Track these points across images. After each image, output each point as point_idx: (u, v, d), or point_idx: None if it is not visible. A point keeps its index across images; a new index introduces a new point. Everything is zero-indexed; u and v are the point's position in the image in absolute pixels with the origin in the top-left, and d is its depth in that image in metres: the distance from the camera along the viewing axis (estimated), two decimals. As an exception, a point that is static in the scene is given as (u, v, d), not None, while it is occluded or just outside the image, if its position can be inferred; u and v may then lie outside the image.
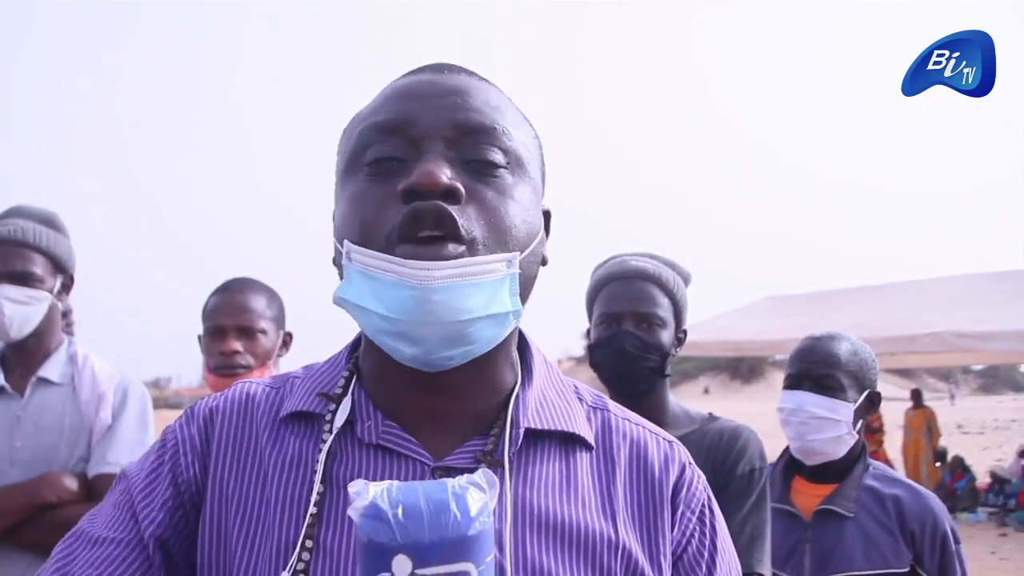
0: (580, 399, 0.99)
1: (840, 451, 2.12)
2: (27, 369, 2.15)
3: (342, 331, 1.00)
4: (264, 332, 2.20)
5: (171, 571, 0.88)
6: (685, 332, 2.03)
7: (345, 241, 0.84)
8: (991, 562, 9.31)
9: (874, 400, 2.17)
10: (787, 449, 2.24)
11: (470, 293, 0.80)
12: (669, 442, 0.99)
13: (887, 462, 13.04)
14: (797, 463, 2.21)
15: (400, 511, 0.69)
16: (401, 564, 0.68)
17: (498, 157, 0.86)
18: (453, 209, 0.80)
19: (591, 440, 0.93)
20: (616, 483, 0.91)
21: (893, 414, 13.93)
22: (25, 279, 2.09)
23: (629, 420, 0.99)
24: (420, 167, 0.81)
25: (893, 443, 13.57)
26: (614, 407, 1.00)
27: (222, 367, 2.19)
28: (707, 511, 0.96)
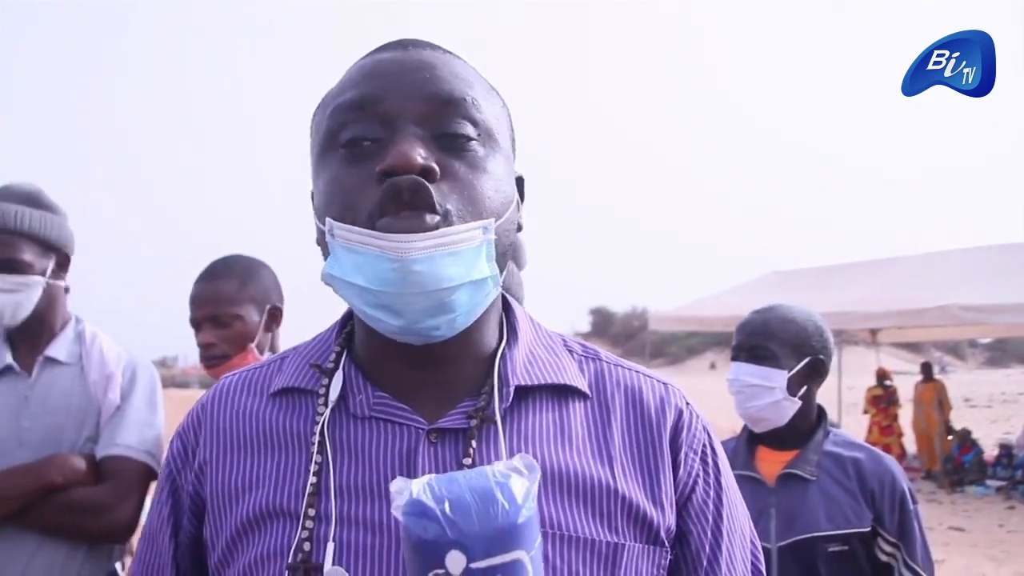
0: (570, 351, 1.00)
1: (782, 417, 2.17)
2: (34, 348, 2.13)
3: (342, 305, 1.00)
4: (238, 317, 2.16)
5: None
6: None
7: (327, 219, 0.86)
8: (999, 535, 9.33)
9: (816, 367, 2.21)
10: None
11: (449, 262, 0.82)
12: (664, 384, 0.99)
13: (900, 436, 13.04)
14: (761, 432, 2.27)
15: (447, 505, 0.68)
16: (455, 560, 0.67)
17: (469, 130, 0.88)
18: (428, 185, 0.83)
19: (585, 389, 0.95)
20: (612, 430, 0.93)
21: (902, 388, 13.91)
22: (11, 266, 2.04)
23: (622, 366, 1.00)
24: (395, 149, 0.83)
25: (907, 417, 13.56)
26: (606, 355, 1.01)
27: (203, 359, 2.20)
28: (709, 451, 0.97)
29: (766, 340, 2.18)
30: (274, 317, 2.26)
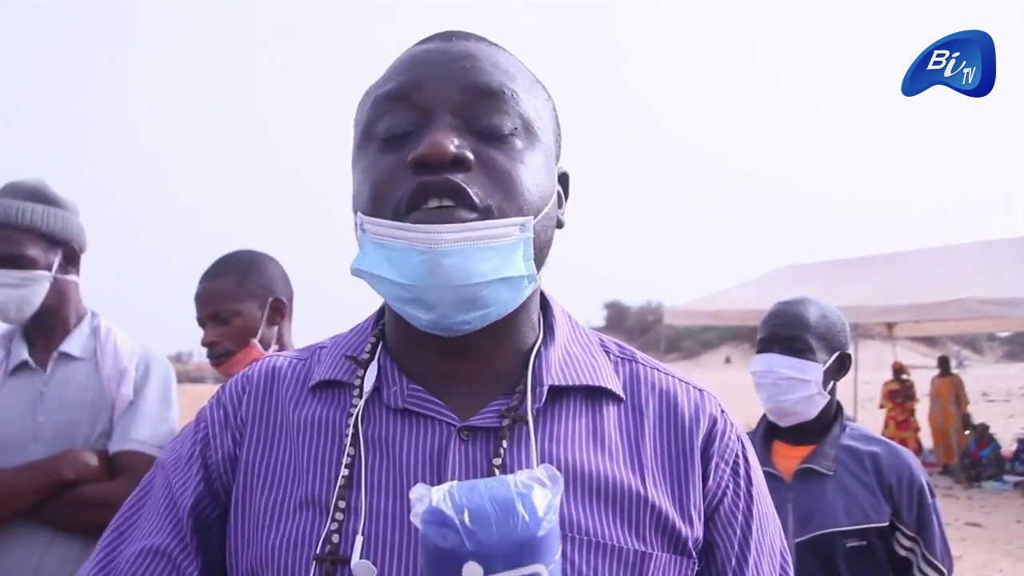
0: (607, 352, 0.98)
1: (812, 411, 2.16)
2: (49, 343, 2.14)
3: (359, 299, 1.00)
4: (237, 313, 2.14)
5: (206, 555, 0.91)
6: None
7: (359, 213, 0.86)
8: (1017, 531, 9.24)
9: (844, 361, 2.21)
10: (766, 414, 2.28)
11: (482, 257, 0.80)
12: (700, 391, 0.98)
13: (917, 431, 12.95)
14: (776, 427, 2.24)
15: (466, 516, 0.67)
16: (472, 571, 0.67)
17: (507, 122, 0.86)
18: (462, 177, 0.81)
19: (619, 392, 0.93)
20: (644, 435, 0.91)
21: (918, 382, 13.81)
22: (15, 262, 2.05)
23: (659, 369, 0.98)
24: (428, 137, 0.82)
25: (924, 411, 13.45)
26: (642, 357, 0.99)
27: (208, 357, 2.21)
28: (742, 462, 0.95)
29: (803, 332, 2.15)
30: (277, 310, 2.23)
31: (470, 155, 0.82)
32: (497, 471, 0.83)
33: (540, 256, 0.88)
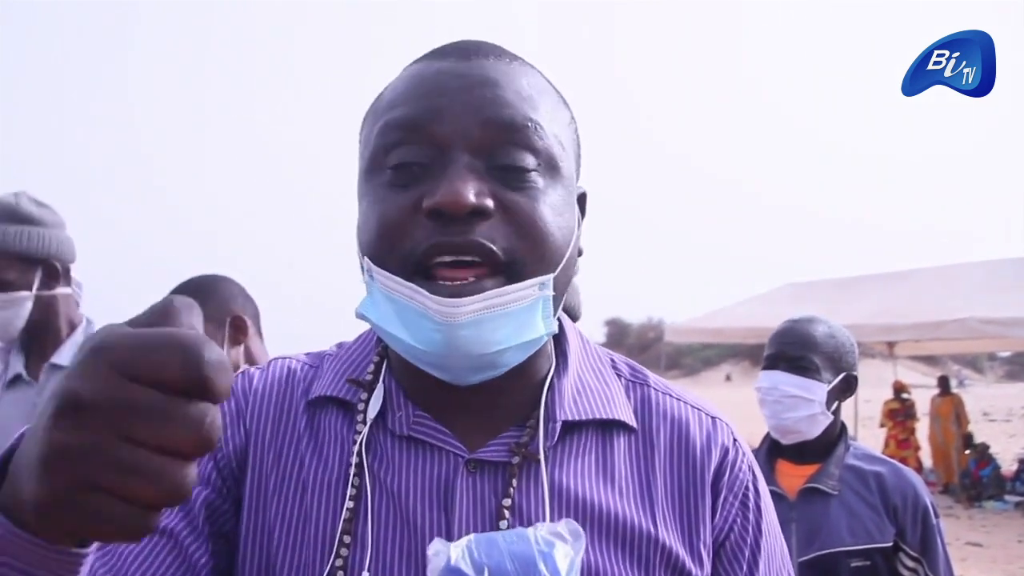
0: (618, 374, 0.96)
1: (814, 430, 2.16)
2: (42, 355, 2.14)
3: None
4: None
5: (218, 542, 0.86)
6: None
7: (366, 259, 0.82)
8: (1018, 550, 9.21)
9: (851, 383, 2.21)
10: (770, 432, 2.28)
11: (499, 324, 0.78)
12: (713, 419, 0.95)
13: (917, 450, 12.91)
14: (780, 445, 2.24)
15: (486, 574, 0.66)
16: None
17: (528, 161, 0.81)
18: (481, 229, 0.77)
19: (631, 423, 0.90)
20: (655, 468, 0.89)
21: (919, 401, 13.77)
22: None
23: (670, 395, 0.95)
24: (445, 184, 0.77)
25: (924, 431, 13.42)
26: (654, 380, 0.97)
27: None
28: (752, 494, 0.93)
29: (809, 351, 2.15)
30: (239, 328, 2.18)
31: (490, 203, 0.78)
32: (507, 512, 0.81)
33: (560, 298, 0.85)
